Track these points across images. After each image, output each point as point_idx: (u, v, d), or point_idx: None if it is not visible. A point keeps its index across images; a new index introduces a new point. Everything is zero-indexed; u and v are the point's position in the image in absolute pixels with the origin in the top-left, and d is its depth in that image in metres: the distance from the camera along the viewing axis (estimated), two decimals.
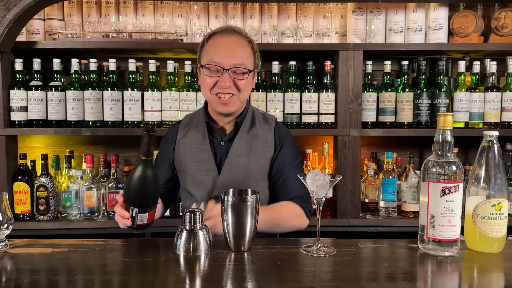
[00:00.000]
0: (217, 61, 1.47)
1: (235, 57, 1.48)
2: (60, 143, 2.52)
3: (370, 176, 2.27)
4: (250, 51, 1.54)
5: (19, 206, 2.16)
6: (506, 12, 2.33)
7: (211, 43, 1.52)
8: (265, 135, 1.60)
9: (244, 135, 1.59)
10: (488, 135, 1.17)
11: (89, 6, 2.41)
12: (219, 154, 1.59)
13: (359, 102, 2.24)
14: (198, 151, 1.59)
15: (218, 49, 1.49)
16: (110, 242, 1.26)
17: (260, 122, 1.63)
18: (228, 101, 1.50)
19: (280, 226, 1.53)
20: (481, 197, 1.17)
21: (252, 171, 1.57)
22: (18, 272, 1.06)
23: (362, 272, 1.05)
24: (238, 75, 1.49)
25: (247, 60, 1.52)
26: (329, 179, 1.15)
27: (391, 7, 2.34)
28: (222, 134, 1.60)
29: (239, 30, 1.55)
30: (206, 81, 1.51)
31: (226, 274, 1.03)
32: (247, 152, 1.57)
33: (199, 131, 1.62)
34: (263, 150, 1.59)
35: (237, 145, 1.57)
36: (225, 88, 1.48)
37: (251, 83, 1.56)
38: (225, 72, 1.47)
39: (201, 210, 1.21)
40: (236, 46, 1.50)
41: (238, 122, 1.59)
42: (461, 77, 2.26)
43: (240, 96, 1.52)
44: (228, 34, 1.52)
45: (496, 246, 1.17)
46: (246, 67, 1.50)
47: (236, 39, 1.52)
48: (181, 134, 1.64)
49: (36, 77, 2.23)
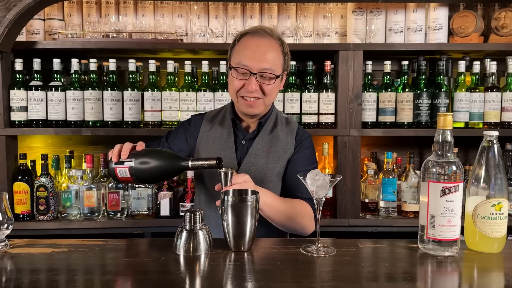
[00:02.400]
0: (245, 64, 1.46)
1: (264, 61, 1.46)
2: (60, 143, 2.52)
3: (370, 176, 2.27)
4: (280, 54, 1.51)
5: (19, 206, 2.16)
6: (506, 12, 2.33)
7: (242, 44, 1.50)
8: (286, 137, 1.60)
9: (265, 136, 1.59)
10: (488, 135, 1.17)
11: (89, 6, 2.41)
12: (239, 152, 1.59)
13: (359, 102, 2.24)
14: (222, 147, 1.59)
15: (248, 51, 1.47)
16: (110, 242, 1.26)
17: (282, 125, 1.63)
18: (253, 103, 1.49)
19: (292, 219, 1.49)
20: (481, 197, 1.16)
21: (270, 172, 1.56)
22: (18, 272, 1.06)
23: (362, 272, 1.05)
24: (265, 79, 1.48)
25: (276, 63, 1.50)
26: (329, 179, 1.15)
27: (391, 7, 2.34)
28: (245, 132, 1.60)
29: (271, 32, 1.51)
30: (233, 83, 1.50)
31: (226, 274, 1.03)
32: (266, 153, 1.56)
33: (224, 128, 1.61)
34: (282, 152, 1.58)
35: (257, 145, 1.57)
36: (251, 92, 1.47)
37: (278, 87, 1.55)
38: (253, 76, 1.46)
39: (232, 170, 1.26)
40: (266, 50, 1.47)
41: (261, 122, 1.59)
42: (461, 77, 2.26)
43: (265, 100, 1.51)
44: (259, 36, 1.49)
45: (496, 246, 1.17)
46: (274, 72, 1.48)
47: (267, 41, 1.49)
48: (206, 127, 1.64)
49: (36, 77, 2.23)
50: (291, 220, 1.48)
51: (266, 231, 1.52)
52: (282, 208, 1.44)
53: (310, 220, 1.53)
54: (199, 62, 2.28)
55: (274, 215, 1.43)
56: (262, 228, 1.51)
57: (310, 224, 1.52)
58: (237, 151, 1.58)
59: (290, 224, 1.49)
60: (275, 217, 1.44)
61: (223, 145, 1.59)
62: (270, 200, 1.41)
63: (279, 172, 1.58)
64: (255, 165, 1.55)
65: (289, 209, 1.46)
